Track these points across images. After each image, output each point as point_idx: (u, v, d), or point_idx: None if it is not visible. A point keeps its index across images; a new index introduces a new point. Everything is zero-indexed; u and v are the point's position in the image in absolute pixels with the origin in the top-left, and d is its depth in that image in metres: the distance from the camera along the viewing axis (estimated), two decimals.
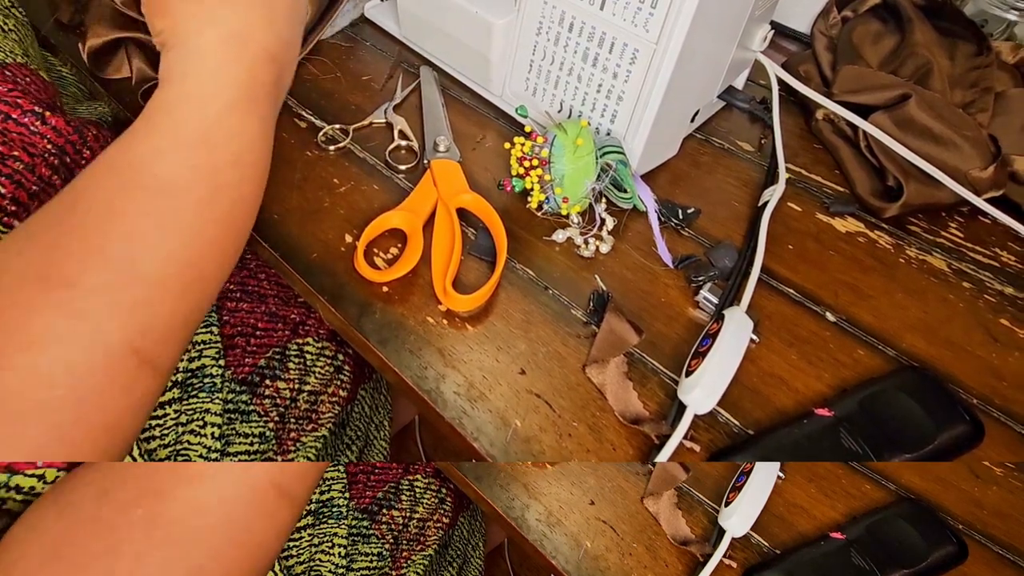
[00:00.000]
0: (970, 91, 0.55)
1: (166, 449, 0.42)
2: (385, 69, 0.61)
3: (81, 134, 0.44)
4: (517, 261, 0.48)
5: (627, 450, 0.40)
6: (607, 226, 0.49)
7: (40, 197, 0.40)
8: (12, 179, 0.38)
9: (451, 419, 0.40)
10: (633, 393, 0.42)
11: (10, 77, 0.39)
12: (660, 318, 0.46)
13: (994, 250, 0.52)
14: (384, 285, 0.45)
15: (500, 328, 0.44)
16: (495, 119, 0.58)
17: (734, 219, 0.52)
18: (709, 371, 0.39)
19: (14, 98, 0.39)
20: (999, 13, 0.62)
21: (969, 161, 0.51)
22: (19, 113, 0.39)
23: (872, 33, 0.61)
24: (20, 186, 0.38)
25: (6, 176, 0.38)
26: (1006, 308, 0.48)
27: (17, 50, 0.43)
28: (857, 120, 0.54)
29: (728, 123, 0.60)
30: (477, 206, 0.49)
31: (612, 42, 0.46)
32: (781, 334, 0.45)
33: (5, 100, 0.39)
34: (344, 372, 0.56)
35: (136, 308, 0.30)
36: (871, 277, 0.49)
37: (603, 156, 0.47)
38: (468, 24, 0.54)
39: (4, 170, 0.38)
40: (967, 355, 0.45)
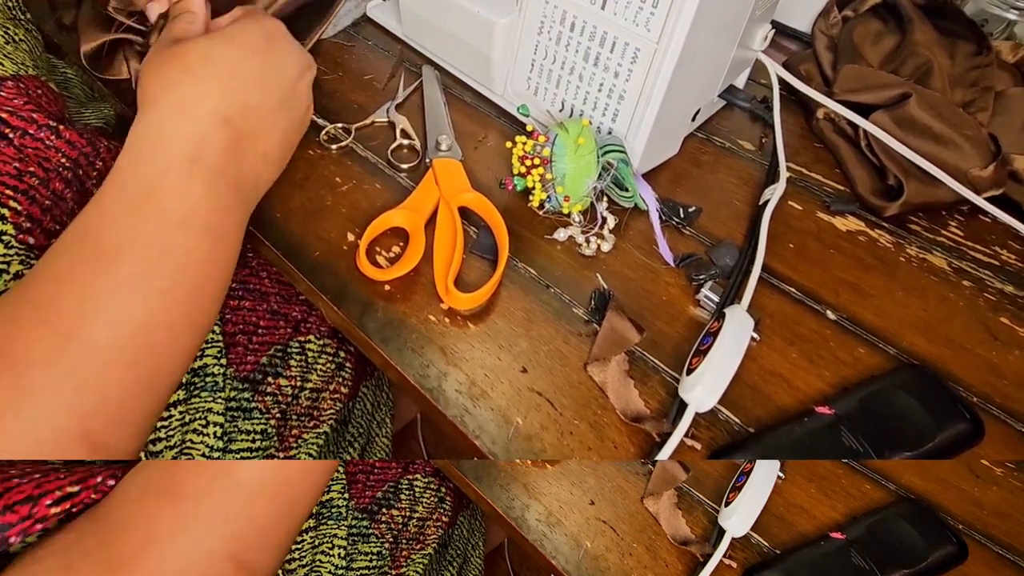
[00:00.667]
0: (970, 90, 0.55)
1: (171, 450, 0.43)
2: (387, 68, 0.61)
3: (94, 146, 0.44)
4: (519, 260, 0.48)
5: (628, 448, 0.40)
6: (608, 225, 0.49)
7: (52, 212, 0.40)
8: (27, 195, 0.38)
9: (453, 417, 0.40)
10: (634, 391, 0.42)
11: (24, 90, 0.40)
12: (661, 316, 0.46)
13: (994, 248, 0.52)
14: (386, 283, 0.45)
15: (502, 326, 0.44)
16: (497, 118, 0.58)
17: (735, 218, 0.52)
18: (710, 369, 0.40)
19: (29, 112, 0.39)
20: (999, 12, 0.62)
21: (969, 160, 0.52)
22: (35, 128, 0.40)
23: (872, 32, 0.61)
24: (34, 201, 0.39)
25: (22, 192, 0.38)
26: (1006, 306, 0.48)
27: (28, 61, 0.43)
28: (858, 119, 0.54)
29: (729, 122, 0.60)
30: (479, 205, 0.49)
31: (613, 41, 0.46)
32: (782, 332, 0.46)
33: (21, 115, 0.39)
34: (345, 369, 0.56)
35: (86, 382, 0.30)
36: (872, 276, 0.49)
37: (604, 155, 0.47)
38: (470, 23, 0.54)
39: (20, 186, 0.38)
40: (967, 353, 0.45)
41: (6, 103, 0.38)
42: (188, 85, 0.38)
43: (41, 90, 0.41)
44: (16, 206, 0.37)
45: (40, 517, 0.29)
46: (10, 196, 0.37)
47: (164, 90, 0.37)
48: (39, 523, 0.29)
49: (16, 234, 0.37)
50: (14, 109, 0.38)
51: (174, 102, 0.37)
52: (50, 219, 0.40)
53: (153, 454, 0.42)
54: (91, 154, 0.44)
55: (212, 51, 0.39)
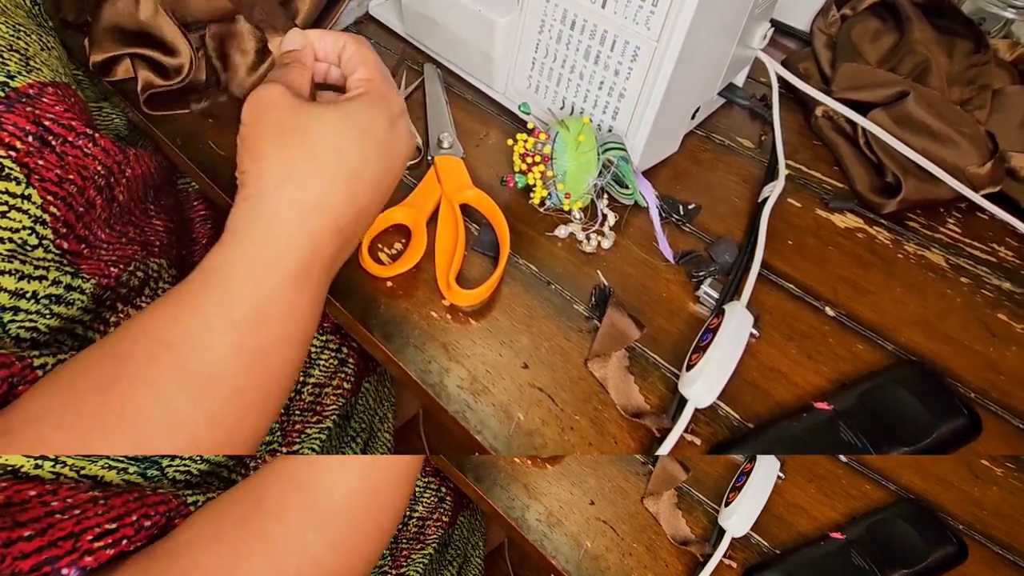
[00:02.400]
0: (968, 88, 0.56)
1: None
2: (389, 66, 0.61)
3: (124, 154, 0.44)
4: (520, 256, 0.48)
5: (628, 443, 0.40)
6: (609, 222, 0.49)
7: (84, 218, 0.40)
8: (65, 201, 0.38)
9: (455, 412, 0.41)
10: (634, 387, 0.43)
11: (62, 97, 0.39)
12: (661, 313, 0.46)
13: (991, 245, 0.52)
14: (388, 280, 0.46)
15: (503, 323, 0.45)
16: (498, 116, 0.58)
17: (734, 215, 0.52)
18: (710, 365, 0.40)
19: (68, 120, 0.39)
20: (997, 11, 0.62)
21: (967, 157, 0.52)
22: (74, 136, 0.40)
23: (871, 31, 0.61)
24: (71, 208, 0.39)
25: (61, 199, 0.38)
26: (1003, 303, 0.48)
27: (60, 68, 0.43)
28: (856, 117, 0.54)
29: (728, 120, 0.61)
30: (480, 202, 0.49)
31: (614, 40, 0.47)
32: (781, 329, 0.46)
33: (61, 123, 0.39)
34: (348, 365, 0.56)
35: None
36: (870, 272, 0.50)
37: (605, 152, 0.47)
38: (471, 22, 0.54)
39: (60, 192, 0.38)
40: (965, 349, 0.46)
41: (48, 110, 0.38)
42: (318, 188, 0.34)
43: (74, 98, 0.41)
44: (55, 212, 0.38)
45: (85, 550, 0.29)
46: (51, 202, 0.37)
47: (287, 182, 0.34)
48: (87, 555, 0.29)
49: (54, 239, 0.38)
50: (55, 116, 0.38)
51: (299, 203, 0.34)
52: (82, 225, 0.40)
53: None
54: (122, 162, 0.44)
55: (344, 146, 0.35)
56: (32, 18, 0.45)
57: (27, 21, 0.44)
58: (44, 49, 0.42)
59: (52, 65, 0.42)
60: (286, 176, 0.34)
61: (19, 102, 0.37)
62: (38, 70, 0.40)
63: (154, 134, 0.54)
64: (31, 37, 0.42)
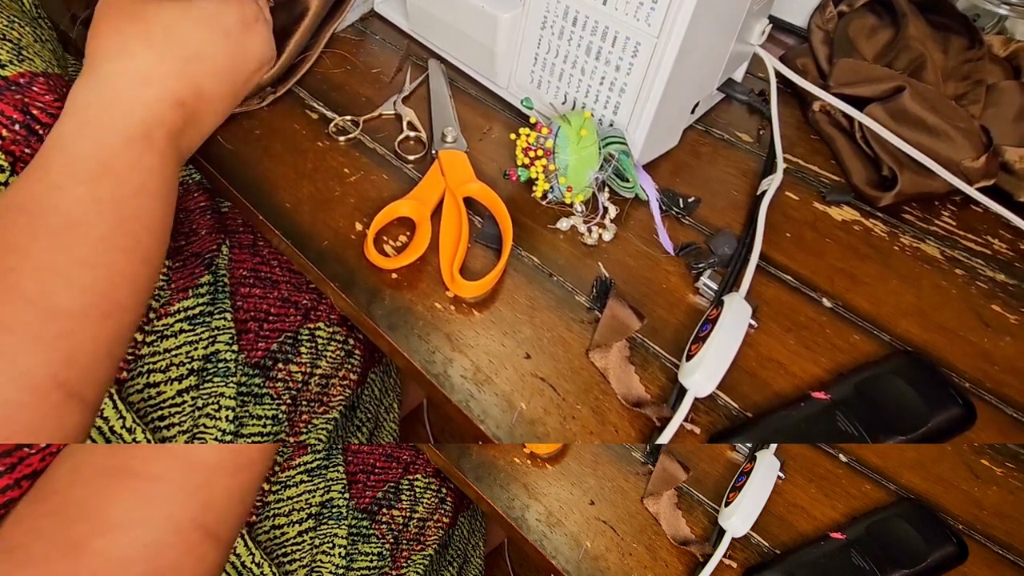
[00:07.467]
0: (963, 83, 0.56)
1: (184, 435, 0.44)
2: (394, 62, 0.62)
3: None
4: (522, 249, 0.49)
5: (629, 432, 0.41)
6: (610, 214, 0.50)
7: None
8: None
9: (458, 402, 0.41)
10: (635, 377, 0.43)
11: (52, 87, 0.40)
12: (661, 304, 0.47)
13: (986, 238, 0.53)
14: (393, 272, 0.46)
15: (506, 314, 0.45)
16: (501, 111, 0.59)
17: (733, 208, 0.53)
18: (709, 355, 0.40)
19: (58, 109, 0.40)
20: (991, 8, 0.63)
21: (962, 151, 0.52)
22: None
23: (867, 27, 0.62)
24: None
25: None
26: (997, 294, 0.49)
27: (53, 60, 0.43)
28: (853, 112, 0.55)
29: (727, 115, 0.61)
30: (483, 195, 0.50)
31: (615, 36, 0.47)
32: (779, 320, 0.47)
33: (50, 112, 0.39)
34: (354, 356, 0.57)
35: (58, 341, 0.30)
36: (866, 264, 0.50)
37: (606, 146, 0.48)
38: (475, 18, 0.55)
39: None
40: (960, 340, 0.46)
41: (37, 98, 0.39)
42: (147, 59, 0.37)
43: (66, 88, 0.42)
44: None
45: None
46: None
47: (118, 55, 0.36)
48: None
49: None
50: (44, 105, 0.39)
51: (128, 72, 0.36)
52: None
53: (167, 439, 0.43)
54: None
55: (180, 28, 0.38)
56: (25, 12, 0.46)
57: (21, 15, 0.44)
58: (38, 41, 0.43)
59: (45, 57, 0.42)
60: (118, 49, 0.37)
61: (8, 90, 0.38)
62: (30, 60, 0.40)
63: None
64: (25, 28, 0.42)
